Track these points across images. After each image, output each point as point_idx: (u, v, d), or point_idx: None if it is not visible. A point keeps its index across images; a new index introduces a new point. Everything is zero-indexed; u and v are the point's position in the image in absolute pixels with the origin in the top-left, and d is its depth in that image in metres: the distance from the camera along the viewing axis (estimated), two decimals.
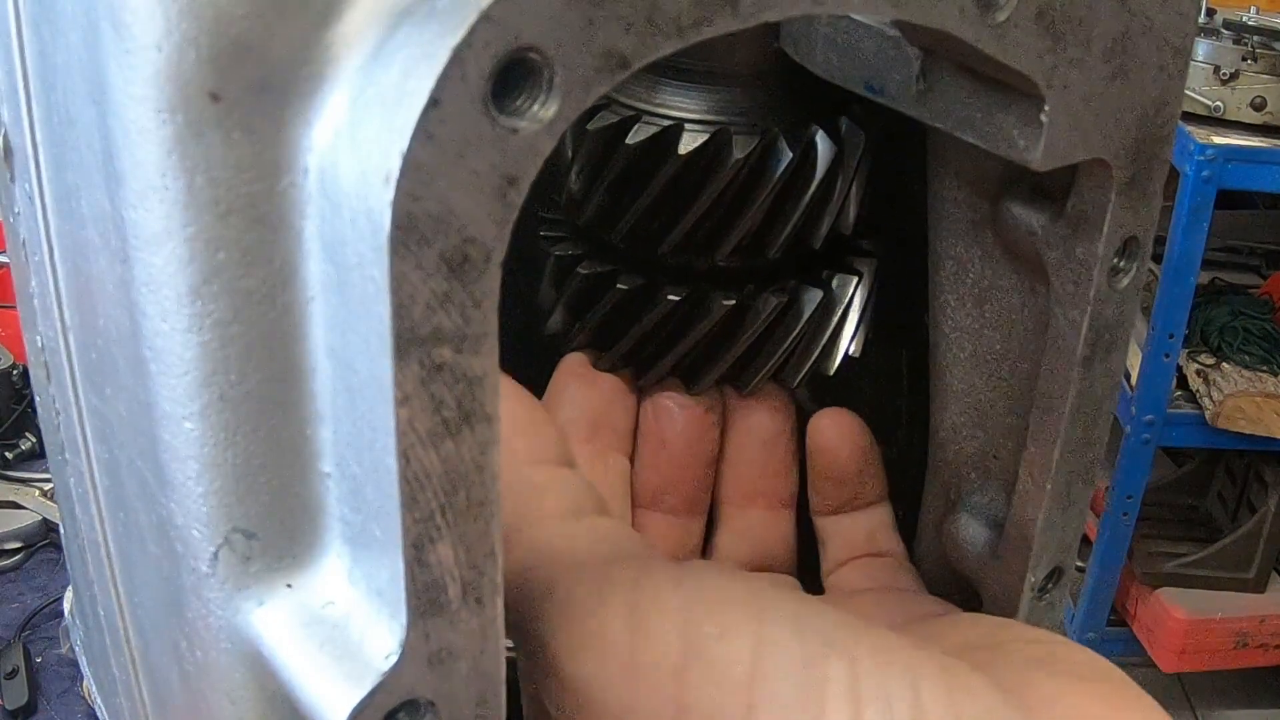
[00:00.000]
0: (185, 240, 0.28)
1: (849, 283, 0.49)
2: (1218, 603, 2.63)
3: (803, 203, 0.45)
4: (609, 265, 0.47)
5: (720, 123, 0.45)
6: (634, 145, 0.44)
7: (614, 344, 0.48)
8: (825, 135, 0.45)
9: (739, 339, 0.47)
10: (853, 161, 0.46)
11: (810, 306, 0.48)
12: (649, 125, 0.45)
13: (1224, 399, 2.42)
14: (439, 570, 0.28)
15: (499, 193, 0.26)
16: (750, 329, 0.47)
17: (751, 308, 0.47)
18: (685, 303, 0.46)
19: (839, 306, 0.49)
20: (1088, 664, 0.38)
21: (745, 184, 0.45)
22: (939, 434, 0.48)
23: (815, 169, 0.45)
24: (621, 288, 0.47)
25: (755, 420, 0.50)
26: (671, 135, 0.44)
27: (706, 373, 0.48)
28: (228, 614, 0.31)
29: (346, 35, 0.27)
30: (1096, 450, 0.43)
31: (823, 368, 0.49)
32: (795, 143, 0.45)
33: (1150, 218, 0.39)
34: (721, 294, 0.46)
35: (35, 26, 0.32)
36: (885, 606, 0.47)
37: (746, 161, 0.44)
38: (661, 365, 0.48)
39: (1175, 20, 0.37)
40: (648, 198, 0.45)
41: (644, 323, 0.47)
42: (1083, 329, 0.40)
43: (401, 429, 0.27)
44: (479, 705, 0.30)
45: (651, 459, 0.50)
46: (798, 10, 0.30)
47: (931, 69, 0.38)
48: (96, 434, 0.37)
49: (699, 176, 0.44)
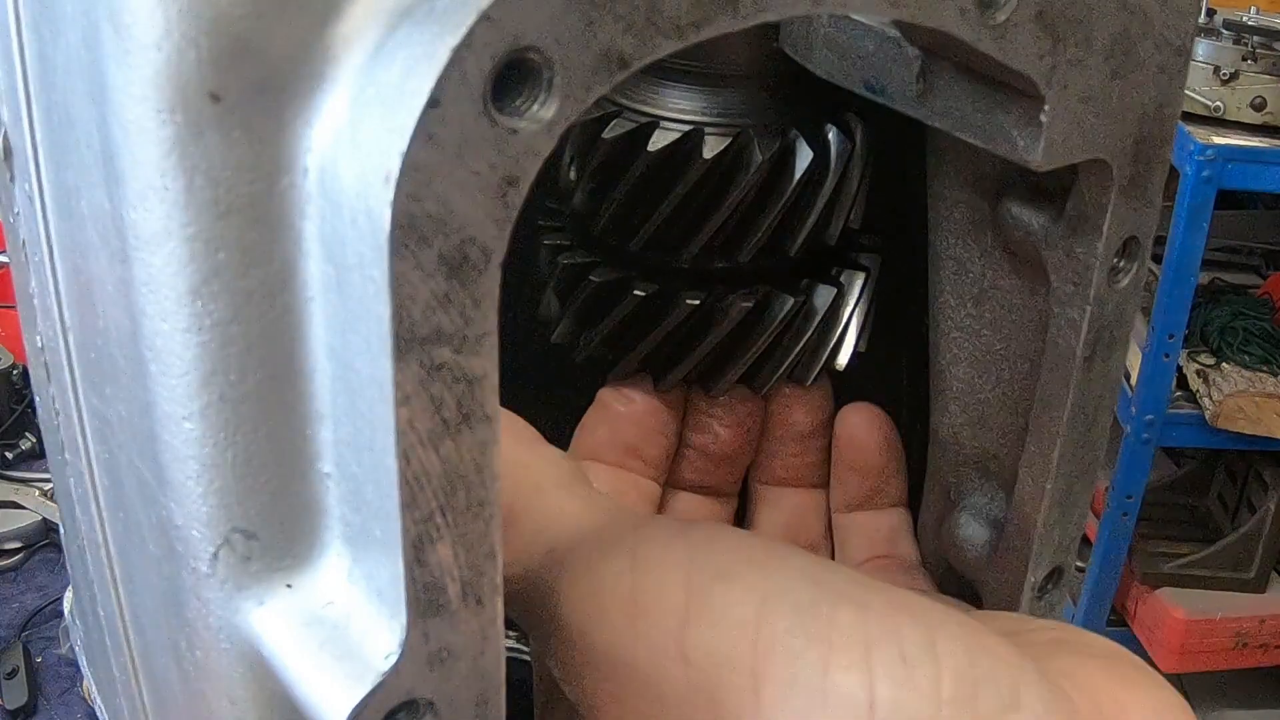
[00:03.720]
0: (185, 240, 0.28)
1: (857, 279, 0.49)
2: (1218, 603, 2.63)
3: (820, 200, 0.46)
4: (621, 273, 0.47)
5: (738, 124, 0.45)
6: (656, 151, 0.44)
7: (626, 352, 0.48)
8: (838, 131, 0.45)
9: (756, 340, 0.47)
10: (863, 157, 0.46)
11: (824, 304, 0.48)
12: (668, 131, 0.44)
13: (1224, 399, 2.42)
14: (439, 570, 0.28)
15: (499, 193, 0.26)
16: (767, 329, 0.47)
17: (768, 308, 0.47)
18: (702, 307, 0.46)
19: (849, 302, 0.49)
20: (1103, 645, 0.38)
21: (766, 185, 0.45)
22: (939, 434, 0.48)
23: (830, 166, 0.45)
24: (638, 295, 0.46)
25: (796, 417, 0.50)
26: (693, 140, 0.44)
27: (723, 375, 0.48)
28: (227, 614, 0.31)
29: (346, 35, 0.27)
30: (1096, 450, 0.43)
31: (834, 363, 0.50)
32: (814, 141, 0.45)
33: (1150, 218, 0.39)
34: (738, 296, 0.46)
35: (35, 26, 0.32)
36: None
37: (769, 162, 0.44)
38: (679, 370, 0.48)
39: (1175, 20, 0.37)
40: (671, 203, 0.45)
41: (662, 328, 0.47)
42: (1083, 329, 0.40)
43: (401, 429, 0.27)
44: (479, 705, 0.30)
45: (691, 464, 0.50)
46: (797, 10, 0.30)
47: (931, 69, 0.38)
48: (96, 434, 0.37)
49: (721, 180, 0.44)
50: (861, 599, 0.33)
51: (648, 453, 0.49)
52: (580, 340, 0.49)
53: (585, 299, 0.48)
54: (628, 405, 0.49)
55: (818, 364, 0.49)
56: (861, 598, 0.33)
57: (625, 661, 0.34)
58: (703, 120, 0.45)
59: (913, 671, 0.32)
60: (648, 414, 0.49)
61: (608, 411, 0.49)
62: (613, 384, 0.49)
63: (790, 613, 0.33)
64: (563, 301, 0.49)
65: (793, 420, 0.50)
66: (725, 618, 0.33)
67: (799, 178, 0.45)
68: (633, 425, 0.49)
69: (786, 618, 0.33)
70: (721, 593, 0.34)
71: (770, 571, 0.34)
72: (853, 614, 0.33)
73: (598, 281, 0.47)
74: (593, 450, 0.49)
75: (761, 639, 0.32)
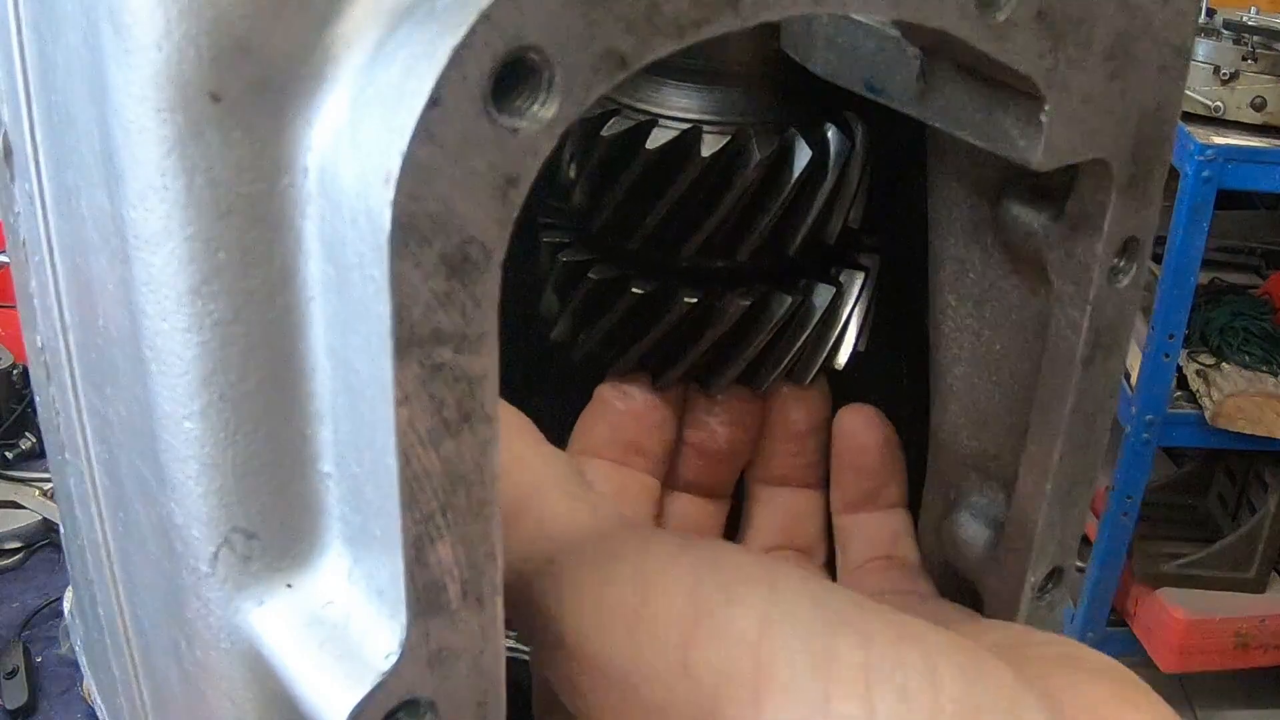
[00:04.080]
0: (185, 240, 0.28)
1: (856, 278, 0.49)
2: (1218, 603, 2.63)
3: (819, 199, 0.46)
4: (620, 270, 0.47)
5: (737, 123, 0.45)
6: (654, 149, 0.44)
7: (624, 349, 0.48)
8: (837, 131, 0.45)
9: (754, 339, 0.47)
10: (862, 157, 0.46)
11: (823, 303, 0.48)
12: (667, 129, 0.44)
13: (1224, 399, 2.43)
14: (439, 570, 0.28)
15: (499, 193, 0.26)
16: (765, 328, 0.47)
17: (767, 307, 0.47)
18: (700, 305, 0.46)
19: (848, 302, 0.49)
20: (1103, 663, 0.38)
21: (765, 183, 0.45)
22: (939, 434, 0.48)
23: (830, 165, 0.45)
24: (636, 292, 0.46)
25: (794, 416, 0.50)
26: (691, 138, 0.44)
27: (721, 373, 0.48)
28: (227, 614, 0.31)
29: (347, 35, 0.27)
30: (1096, 450, 0.43)
31: (833, 363, 0.50)
32: (812, 140, 0.45)
33: (1150, 218, 0.39)
34: (736, 295, 0.46)
35: (35, 26, 0.32)
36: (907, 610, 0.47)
37: (767, 161, 0.44)
38: (677, 368, 0.48)
39: (1175, 20, 0.37)
40: (669, 201, 0.45)
41: (660, 326, 0.47)
42: (1083, 329, 0.40)
43: (401, 429, 0.27)
44: (479, 705, 0.30)
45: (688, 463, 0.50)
46: (798, 10, 0.30)
47: (931, 69, 0.38)
48: (96, 434, 0.37)
49: (719, 178, 0.44)
50: (864, 627, 0.34)
51: (648, 449, 0.49)
52: (579, 338, 0.49)
53: (584, 296, 0.48)
54: (627, 402, 0.49)
55: (816, 364, 0.49)
56: (863, 624, 0.34)
57: (627, 674, 0.34)
58: (701, 119, 0.45)
59: (912, 704, 0.32)
60: (647, 410, 0.49)
61: (607, 408, 0.49)
62: (611, 381, 0.49)
63: (793, 634, 0.33)
64: (562, 299, 0.49)
65: (791, 420, 0.50)
66: (729, 634, 0.33)
67: (798, 176, 0.45)
68: (633, 421, 0.49)
69: (789, 638, 0.33)
70: (725, 610, 0.34)
71: (773, 590, 0.34)
72: (855, 641, 0.33)
73: (596, 279, 0.47)
74: (592, 447, 0.49)
75: (764, 656, 0.33)
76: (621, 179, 0.45)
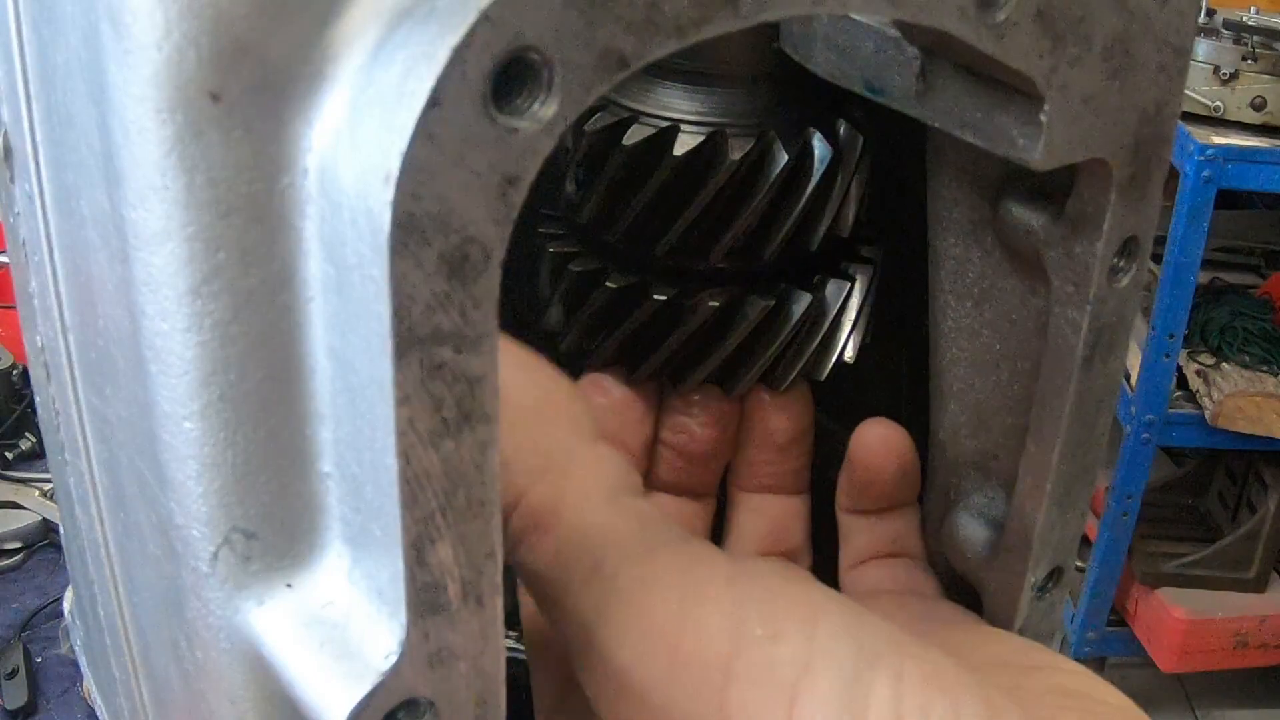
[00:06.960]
0: (185, 240, 0.28)
1: (842, 288, 0.49)
2: (1218, 603, 2.63)
3: (798, 206, 0.45)
4: (599, 263, 0.47)
5: (717, 124, 0.45)
6: (630, 146, 0.44)
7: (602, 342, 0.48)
8: (822, 138, 0.45)
9: (726, 341, 0.47)
10: (850, 165, 0.46)
11: (798, 310, 0.47)
12: (645, 126, 0.45)
13: (1224, 399, 2.42)
14: (439, 570, 0.28)
15: (499, 192, 0.26)
16: (737, 331, 0.47)
17: (739, 310, 0.47)
18: (672, 303, 0.46)
19: (831, 311, 0.48)
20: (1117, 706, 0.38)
21: (741, 186, 0.45)
22: (939, 434, 0.48)
23: (811, 172, 0.45)
24: (610, 286, 0.47)
25: (775, 424, 0.50)
26: (667, 136, 0.44)
27: (693, 373, 0.48)
28: (227, 614, 0.31)
29: (346, 35, 0.27)
30: (1096, 450, 0.43)
31: (814, 372, 0.49)
32: (791, 145, 0.44)
33: (1150, 218, 0.39)
34: (708, 295, 0.46)
35: (35, 26, 0.32)
36: (907, 610, 0.47)
37: (742, 163, 0.44)
38: (650, 364, 0.48)
39: (1175, 20, 0.37)
40: (643, 198, 0.45)
41: (631, 321, 0.47)
42: (1083, 329, 0.40)
43: (401, 429, 0.27)
44: (479, 705, 0.30)
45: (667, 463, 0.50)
46: (797, 10, 0.30)
47: (931, 69, 0.38)
48: (96, 434, 0.37)
49: (695, 178, 0.44)
50: (896, 666, 0.35)
51: (628, 443, 0.49)
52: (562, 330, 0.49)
53: (568, 287, 0.48)
54: (606, 396, 0.49)
55: (793, 371, 0.49)
56: (896, 665, 0.35)
57: (663, 706, 0.35)
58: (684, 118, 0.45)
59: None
60: (626, 405, 0.49)
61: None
62: (589, 375, 0.49)
63: (830, 681, 0.34)
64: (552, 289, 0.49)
65: (772, 429, 0.50)
66: (768, 679, 0.34)
67: (771, 181, 0.44)
68: (614, 415, 0.48)
69: (826, 687, 0.34)
70: (766, 648, 0.34)
71: (814, 628, 0.35)
72: (889, 685, 0.34)
73: (576, 271, 0.47)
74: None
75: (799, 705, 0.34)
76: (602, 173, 0.45)
